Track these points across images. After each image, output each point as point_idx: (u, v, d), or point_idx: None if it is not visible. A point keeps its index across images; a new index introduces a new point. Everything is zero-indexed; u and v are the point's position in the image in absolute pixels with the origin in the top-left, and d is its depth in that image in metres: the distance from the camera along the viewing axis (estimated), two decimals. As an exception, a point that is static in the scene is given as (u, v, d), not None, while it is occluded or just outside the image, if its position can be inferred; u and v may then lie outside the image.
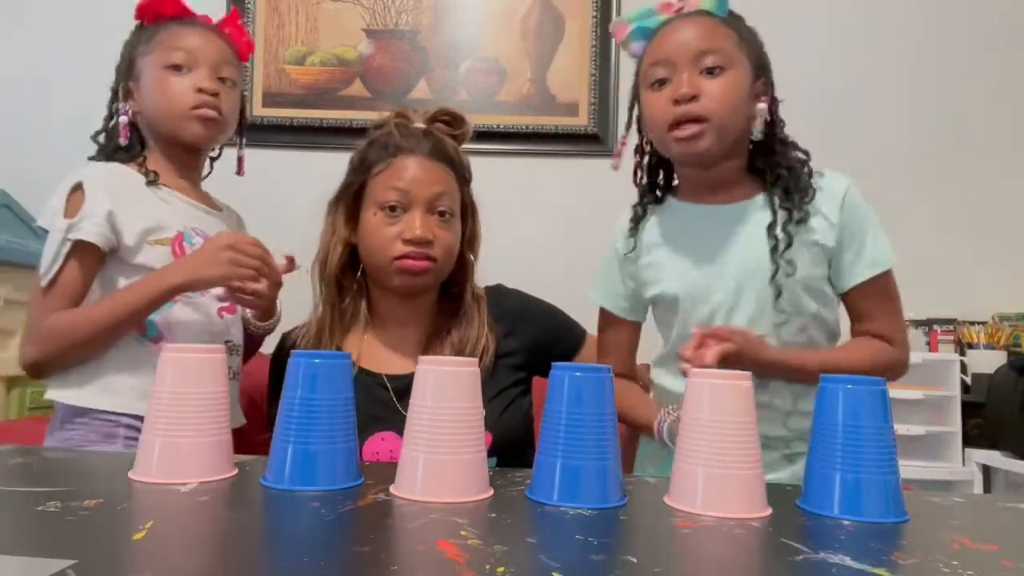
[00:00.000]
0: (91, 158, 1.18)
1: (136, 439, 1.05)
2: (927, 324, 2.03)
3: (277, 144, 2.20)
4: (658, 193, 1.13)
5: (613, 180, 1.19)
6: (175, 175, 1.18)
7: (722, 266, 1.01)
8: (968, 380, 1.92)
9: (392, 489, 0.69)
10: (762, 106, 1.00)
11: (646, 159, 1.12)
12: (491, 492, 0.71)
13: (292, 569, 0.48)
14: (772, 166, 1.03)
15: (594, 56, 2.19)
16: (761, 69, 1.03)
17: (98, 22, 2.20)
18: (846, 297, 1.04)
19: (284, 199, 1.86)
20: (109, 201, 1.07)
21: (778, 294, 0.98)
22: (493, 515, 0.64)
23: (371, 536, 0.57)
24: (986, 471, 1.82)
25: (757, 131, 1.01)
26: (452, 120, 1.13)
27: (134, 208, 1.10)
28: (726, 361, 0.87)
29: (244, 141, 1.30)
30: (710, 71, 0.97)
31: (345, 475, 0.71)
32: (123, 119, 1.16)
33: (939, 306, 2.01)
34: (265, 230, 1.51)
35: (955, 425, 1.82)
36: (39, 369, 1.07)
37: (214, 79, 1.14)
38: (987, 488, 1.81)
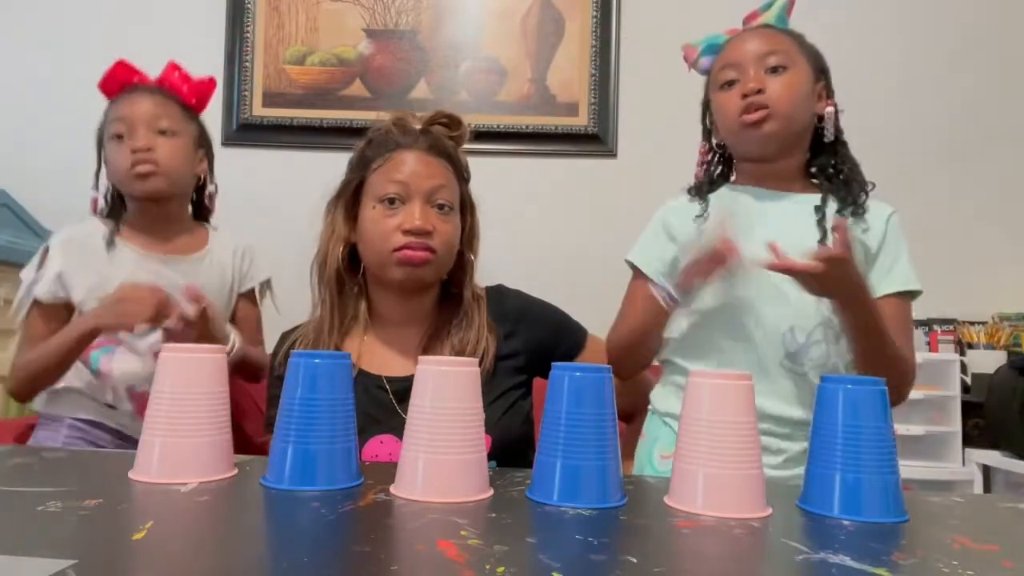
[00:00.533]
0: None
1: (76, 437, 1.28)
2: (927, 324, 2.03)
3: (277, 144, 2.21)
4: (718, 177, 1.20)
5: (613, 180, 1.19)
6: (145, 231, 1.32)
7: (777, 238, 1.04)
8: (968, 380, 1.92)
9: (392, 489, 0.69)
10: (830, 109, 1.11)
11: (713, 157, 1.21)
12: (491, 492, 0.71)
13: (292, 569, 0.48)
14: (830, 166, 1.12)
15: (594, 56, 2.19)
16: (821, 72, 1.13)
17: (99, 22, 2.20)
18: None
19: (283, 199, 1.86)
20: (61, 263, 1.26)
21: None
22: (493, 515, 0.64)
23: (371, 536, 0.57)
24: (986, 471, 1.82)
25: (829, 132, 1.10)
26: (450, 122, 1.13)
27: (86, 267, 1.27)
28: (832, 258, 0.91)
29: (213, 176, 1.40)
30: (774, 70, 1.08)
31: (345, 475, 0.71)
32: (92, 194, 1.33)
33: (939, 306, 2.01)
34: (264, 230, 1.52)
35: (955, 425, 1.83)
36: (17, 397, 1.28)
37: (149, 135, 1.26)
38: (987, 488, 1.81)
